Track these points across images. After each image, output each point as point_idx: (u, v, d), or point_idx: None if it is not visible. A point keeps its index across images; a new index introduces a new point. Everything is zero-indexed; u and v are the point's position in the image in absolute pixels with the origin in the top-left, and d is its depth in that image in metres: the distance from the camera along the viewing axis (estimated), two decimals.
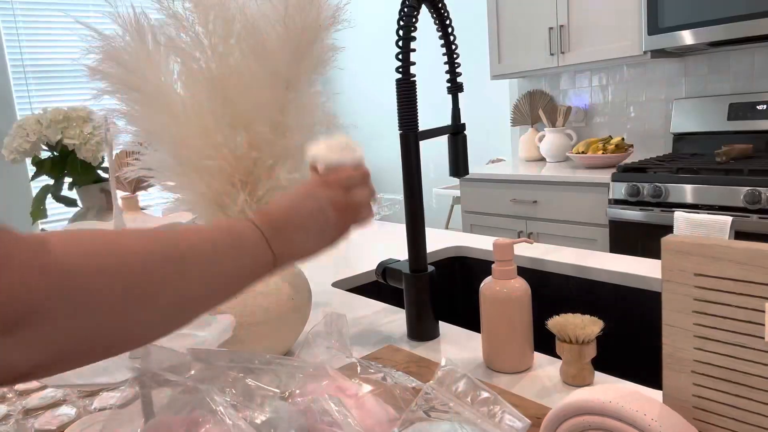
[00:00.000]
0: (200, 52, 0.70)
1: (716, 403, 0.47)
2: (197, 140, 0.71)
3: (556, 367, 0.77)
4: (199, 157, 0.71)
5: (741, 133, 2.47)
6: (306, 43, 0.72)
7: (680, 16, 2.28)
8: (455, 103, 0.96)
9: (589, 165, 2.64)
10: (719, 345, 0.46)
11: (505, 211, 2.77)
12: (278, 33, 0.71)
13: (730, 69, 2.56)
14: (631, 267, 1.11)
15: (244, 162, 0.72)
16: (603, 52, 2.60)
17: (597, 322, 0.72)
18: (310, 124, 0.76)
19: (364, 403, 0.52)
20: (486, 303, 0.78)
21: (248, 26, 0.70)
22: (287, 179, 0.74)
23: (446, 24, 0.90)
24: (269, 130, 0.73)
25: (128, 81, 0.71)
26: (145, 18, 0.72)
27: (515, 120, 3.31)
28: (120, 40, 0.71)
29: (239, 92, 0.71)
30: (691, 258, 0.46)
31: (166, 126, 0.72)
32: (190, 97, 0.72)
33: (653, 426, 0.44)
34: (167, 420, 0.47)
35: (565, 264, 1.18)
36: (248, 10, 0.71)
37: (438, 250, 1.38)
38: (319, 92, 0.77)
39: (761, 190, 1.94)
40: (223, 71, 0.70)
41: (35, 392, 0.75)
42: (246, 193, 0.73)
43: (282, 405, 0.48)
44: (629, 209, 2.27)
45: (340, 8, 0.75)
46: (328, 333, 0.62)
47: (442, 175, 3.55)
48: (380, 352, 0.84)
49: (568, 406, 0.50)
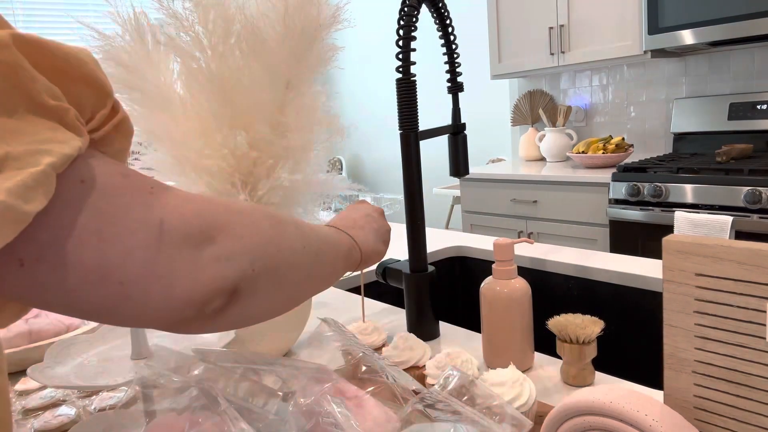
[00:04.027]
0: (200, 52, 0.70)
1: (717, 404, 0.47)
2: (197, 140, 0.71)
3: (557, 367, 0.77)
4: (199, 157, 0.71)
5: (741, 133, 2.47)
6: (306, 43, 0.72)
7: (680, 16, 2.27)
8: (455, 103, 0.96)
9: (589, 165, 2.64)
10: (720, 345, 0.46)
11: (505, 211, 2.77)
12: (278, 33, 0.71)
13: (730, 69, 2.56)
14: (631, 267, 1.11)
15: (244, 162, 0.72)
16: (603, 51, 2.60)
17: (597, 322, 0.72)
18: (310, 124, 0.76)
19: (365, 405, 0.52)
20: (486, 303, 0.78)
21: (248, 26, 0.70)
22: (287, 179, 0.74)
23: (446, 24, 0.90)
24: (269, 130, 0.72)
25: (128, 81, 0.71)
26: (144, 18, 0.72)
27: (515, 120, 3.31)
28: (120, 39, 0.71)
29: (239, 92, 0.71)
30: (692, 258, 0.46)
31: (166, 126, 0.71)
32: (190, 97, 0.72)
33: (654, 426, 0.44)
34: (170, 420, 0.47)
35: (566, 264, 1.18)
36: (248, 10, 0.70)
37: (438, 250, 1.38)
38: (319, 92, 0.77)
39: (761, 189, 1.94)
40: (223, 71, 0.70)
41: (35, 392, 0.75)
42: (246, 193, 0.73)
43: (284, 406, 0.48)
44: (629, 209, 2.27)
45: (340, 8, 0.75)
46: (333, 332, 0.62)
47: (442, 175, 3.55)
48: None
49: (568, 407, 0.50)
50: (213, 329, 0.38)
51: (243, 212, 0.39)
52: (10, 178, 0.27)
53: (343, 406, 0.48)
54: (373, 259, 0.65)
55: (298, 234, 0.45)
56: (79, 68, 0.33)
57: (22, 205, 0.27)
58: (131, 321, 0.35)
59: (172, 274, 0.33)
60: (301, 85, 0.74)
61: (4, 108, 0.29)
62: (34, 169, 0.28)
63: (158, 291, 0.33)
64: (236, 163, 0.72)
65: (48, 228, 0.30)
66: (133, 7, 0.71)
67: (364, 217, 0.67)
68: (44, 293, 0.31)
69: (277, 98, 0.73)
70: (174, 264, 0.33)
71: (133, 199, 0.33)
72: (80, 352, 0.63)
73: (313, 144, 0.77)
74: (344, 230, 0.61)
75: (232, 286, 0.36)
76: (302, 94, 0.75)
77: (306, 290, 0.49)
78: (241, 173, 0.73)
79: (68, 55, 0.32)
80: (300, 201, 0.77)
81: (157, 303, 0.33)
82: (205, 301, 0.34)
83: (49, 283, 0.31)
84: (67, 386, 0.64)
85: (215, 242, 0.35)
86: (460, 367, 0.69)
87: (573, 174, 2.52)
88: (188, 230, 0.34)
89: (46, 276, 0.30)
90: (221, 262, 0.35)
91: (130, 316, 0.34)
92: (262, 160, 0.73)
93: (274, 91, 0.72)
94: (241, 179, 0.73)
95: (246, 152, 0.72)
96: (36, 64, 0.30)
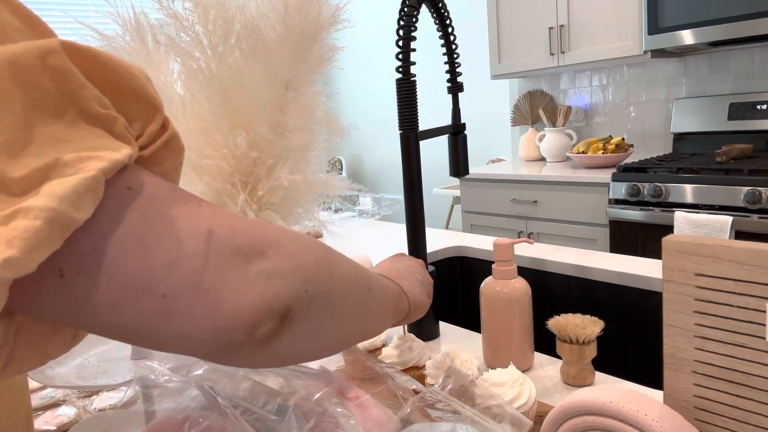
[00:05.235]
0: (200, 51, 0.70)
1: (717, 404, 0.47)
2: (197, 140, 0.71)
3: (557, 367, 0.77)
4: (199, 157, 0.71)
5: (741, 133, 2.47)
6: (306, 43, 0.72)
7: (680, 16, 2.27)
8: (455, 103, 0.96)
9: (589, 165, 2.64)
10: (720, 345, 0.46)
11: (505, 211, 2.77)
12: (278, 33, 0.71)
13: (730, 69, 2.56)
14: (631, 267, 1.11)
15: (244, 162, 0.72)
16: (603, 51, 2.60)
17: (597, 322, 0.72)
18: (310, 124, 0.76)
19: (365, 405, 0.52)
20: (486, 303, 0.78)
21: (248, 26, 0.70)
22: (287, 179, 0.74)
23: (446, 24, 0.90)
24: (269, 130, 0.72)
25: None
26: (144, 18, 0.72)
27: (515, 120, 3.31)
28: (120, 40, 0.71)
29: (239, 92, 0.71)
30: (692, 258, 0.46)
31: None
32: (190, 97, 0.72)
33: (654, 426, 0.44)
34: (170, 420, 0.47)
35: (565, 264, 1.18)
36: (248, 10, 0.70)
37: (438, 250, 1.38)
38: (319, 92, 0.77)
39: (761, 189, 1.94)
40: (223, 71, 0.70)
41: (35, 392, 0.75)
42: (246, 193, 0.73)
43: (285, 407, 0.48)
44: (629, 209, 2.27)
45: (340, 8, 0.75)
46: None
47: (442, 175, 3.55)
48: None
49: (568, 407, 0.50)
50: (261, 360, 0.35)
51: (293, 233, 0.37)
52: (61, 184, 0.27)
53: (344, 407, 0.48)
54: (419, 312, 0.61)
55: (348, 264, 0.42)
56: (129, 81, 0.32)
57: (72, 212, 0.27)
58: (174, 342, 0.32)
59: (220, 288, 0.31)
60: (301, 86, 0.74)
61: (53, 114, 0.28)
62: (85, 175, 0.27)
63: (204, 306, 0.30)
64: (236, 163, 0.72)
65: (90, 236, 0.28)
66: (133, 8, 0.71)
67: (407, 269, 0.64)
68: (83, 309, 0.29)
69: (277, 98, 0.73)
70: (222, 277, 0.31)
71: (181, 209, 0.32)
72: (80, 352, 0.63)
73: (313, 144, 0.77)
74: (390, 278, 0.57)
75: (284, 307, 0.33)
76: (302, 95, 0.75)
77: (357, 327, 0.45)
78: (241, 173, 0.73)
79: (119, 68, 0.31)
80: (300, 201, 0.77)
81: (202, 321, 0.30)
82: (255, 321, 0.32)
83: (89, 297, 0.29)
84: (67, 386, 0.64)
85: (266, 257, 0.33)
86: (460, 367, 0.69)
87: (573, 174, 2.52)
88: (238, 242, 0.32)
89: (86, 289, 0.29)
90: (273, 279, 0.33)
91: (172, 336, 0.31)
92: (262, 160, 0.73)
93: (274, 91, 0.72)
94: (241, 179, 0.73)
95: (246, 152, 0.72)
96: (86, 72, 0.30)
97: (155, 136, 0.34)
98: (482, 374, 0.65)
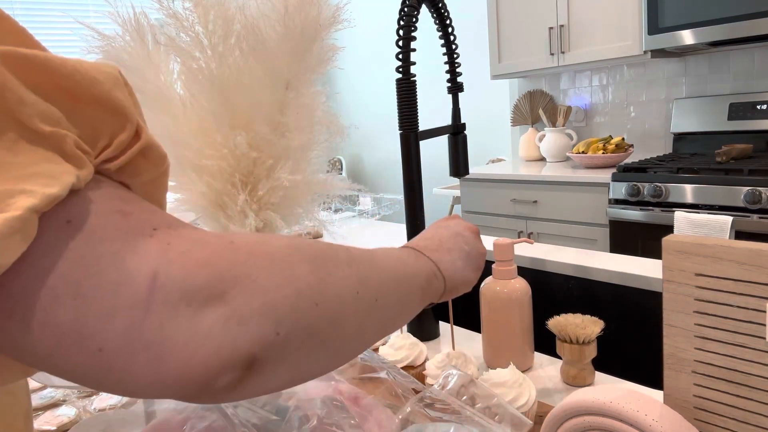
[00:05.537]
0: (200, 51, 0.70)
1: (717, 404, 0.47)
2: (197, 140, 0.71)
3: (557, 367, 0.77)
4: (199, 157, 0.71)
5: (741, 133, 2.47)
6: (306, 43, 0.72)
7: (680, 16, 2.27)
8: (455, 103, 0.96)
9: (589, 165, 2.64)
10: (720, 345, 0.46)
11: (505, 211, 2.77)
12: (278, 33, 0.71)
13: (730, 69, 2.56)
14: (631, 267, 1.11)
15: (244, 162, 0.72)
16: (603, 52, 2.60)
17: (597, 322, 0.72)
18: (310, 124, 0.76)
19: (366, 405, 0.52)
20: (486, 303, 0.78)
21: (248, 26, 0.70)
22: (287, 179, 0.74)
23: (446, 24, 0.90)
24: (269, 130, 0.73)
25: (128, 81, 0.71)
26: (144, 18, 0.72)
27: (515, 120, 3.31)
28: (120, 40, 0.71)
29: (239, 92, 0.71)
30: (692, 258, 0.46)
31: (166, 126, 0.72)
32: (190, 97, 0.72)
33: (654, 426, 0.44)
34: (170, 420, 0.47)
35: (566, 264, 1.18)
36: (248, 10, 0.70)
37: None
38: (319, 92, 0.77)
39: (761, 189, 1.94)
40: (223, 71, 0.70)
41: (35, 392, 0.75)
42: (246, 193, 0.73)
43: (285, 407, 0.48)
44: (629, 209, 2.27)
45: (340, 8, 0.75)
46: None
47: (442, 175, 3.55)
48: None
49: (568, 407, 0.50)
50: (238, 398, 0.31)
51: (274, 256, 0.32)
52: None
53: (344, 407, 0.48)
54: (460, 289, 0.55)
55: (351, 277, 0.37)
56: (89, 88, 0.29)
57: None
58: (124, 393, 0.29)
59: (163, 343, 0.27)
60: (301, 85, 0.74)
61: None
62: (11, 214, 0.24)
63: (144, 364, 0.27)
64: (236, 163, 0.72)
65: (21, 276, 0.25)
66: (133, 8, 0.71)
67: (452, 237, 0.56)
68: (21, 353, 0.27)
69: (277, 98, 0.73)
70: (167, 329, 0.27)
71: (125, 244, 0.28)
72: None
73: (313, 144, 0.77)
74: (426, 253, 0.52)
75: (247, 357, 0.28)
76: (302, 94, 0.75)
77: (358, 345, 0.39)
78: (241, 173, 0.73)
79: (75, 73, 0.28)
80: (300, 201, 0.77)
81: (144, 378, 0.27)
82: (210, 376, 0.28)
83: (25, 342, 0.26)
84: (67, 386, 0.64)
85: (225, 300, 0.28)
86: (460, 367, 0.69)
87: (573, 174, 2.52)
88: (189, 285, 0.28)
89: (21, 334, 0.26)
90: (231, 327, 0.28)
91: (119, 389, 0.28)
92: (262, 160, 0.73)
93: (274, 91, 0.72)
94: (241, 179, 0.73)
95: (246, 152, 0.72)
96: (32, 83, 0.27)
97: (125, 147, 0.30)
98: (482, 374, 0.65)
